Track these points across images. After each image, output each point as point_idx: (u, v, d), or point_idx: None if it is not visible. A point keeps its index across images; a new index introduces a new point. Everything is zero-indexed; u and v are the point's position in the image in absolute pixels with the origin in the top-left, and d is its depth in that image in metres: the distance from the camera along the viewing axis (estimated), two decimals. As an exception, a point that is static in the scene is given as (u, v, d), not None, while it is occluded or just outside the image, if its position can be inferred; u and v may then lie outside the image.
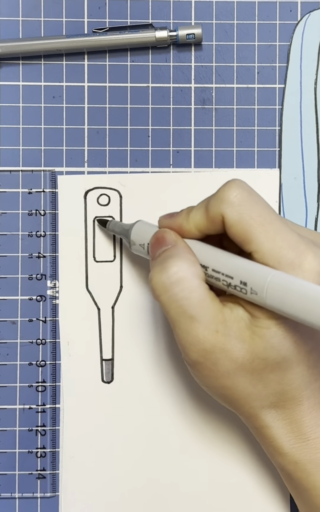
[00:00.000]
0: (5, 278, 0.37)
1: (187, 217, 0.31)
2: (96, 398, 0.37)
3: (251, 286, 0.27)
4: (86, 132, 0.38)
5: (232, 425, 0.37)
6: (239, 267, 0.28)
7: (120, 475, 0.37)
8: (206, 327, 0.28)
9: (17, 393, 0.37)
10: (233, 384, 0.29)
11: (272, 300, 0.26)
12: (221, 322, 0.29)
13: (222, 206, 0.29)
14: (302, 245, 0.28)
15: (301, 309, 0.25)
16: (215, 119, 0.38)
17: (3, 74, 0.38)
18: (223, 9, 0.38)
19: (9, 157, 0.38)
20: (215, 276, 0.29)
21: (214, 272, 0.29)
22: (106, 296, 0.37)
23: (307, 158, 0.38)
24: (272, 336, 0.28)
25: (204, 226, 0.30)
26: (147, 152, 0.38)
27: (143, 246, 0.33)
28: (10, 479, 0.37)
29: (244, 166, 0.38)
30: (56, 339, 0.37)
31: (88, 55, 0.38)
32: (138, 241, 0.33)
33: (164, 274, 0.29)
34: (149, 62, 0.38)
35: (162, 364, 0.37)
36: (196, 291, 0.29)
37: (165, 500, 0.37)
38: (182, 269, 0.29)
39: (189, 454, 0.37)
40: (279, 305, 0.26)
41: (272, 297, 0.26)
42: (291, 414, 0.29)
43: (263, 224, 0.28)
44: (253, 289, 0.27)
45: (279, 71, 0.38)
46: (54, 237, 0.38)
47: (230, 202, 0.28)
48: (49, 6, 0.38)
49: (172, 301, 0.29)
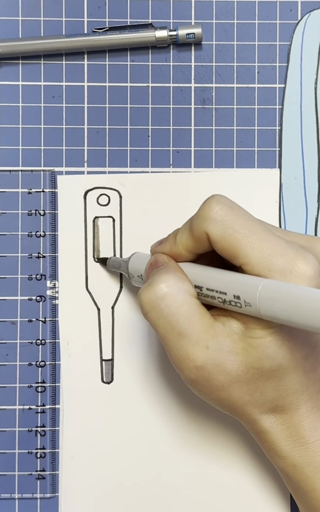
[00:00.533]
0: (5, 278, 0.37)
1: (174, 240, 0.31)
2: (96, 399, 0.37)
3: (244, 298, 0.27)
4: (86, 132, 0.38)
5: (232, 425, 0.37)
6: (231, 281, 0.28)
7: (120, 475, 0.37)
8: (195, 344, 0.28)
9: (17, 393, 0.37)
10: (229, 396, 0.29)
11: (266, 309, 0.26)
12: (211, 337, 0.28)
13: (205, 224, 0.28)
14: (291, 251, 0.28)
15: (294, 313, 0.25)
16: (215, 119, 0.38)
17: (2, 74, 0.38)
18: (223, 8, 0.38)
19: (8, 157, 0.38)
20: (210, 295, 0.29)
21: (209, 291, 0.29)
22: (106, 296, 0.37)
23: (307, 158, 0.38)
24: (267, 346, 0.28)
25: (191, 246, 0.30)
26: (147, 152, 0.38)
27: (141, 277, 0.33)
28: (9, 479, 0.37)
29: (244, 166, 0.38)
30: (56, 339, 0.37)
31: (88, 55, 0.38)
32: (136, 272, 0.33)
33: (151, 290, 0.29)
34: (149, 62, 0.38)
35: (162, 364, 0.37)
36: (183, 307, 0.28)
37: (165, 500, 0.37)
38: (168, 285, 0.29)
39: (189, 455, 0.37)
40: (272, 313, 0.26)
41: (265, 306, 0.26)
42: (290, 418, 0.29)
43: (248, 236, 0.28)
44: (246, 301, 0.27)
45: (279, 71, 0.38)
46: (54, 237, 0.37)
47: (212, 219, 0.28)
48: (49, 6, 0.38)
49: (160, 317, 0.29)
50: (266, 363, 0.28)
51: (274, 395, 0.29)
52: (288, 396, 0.29)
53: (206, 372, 0.28)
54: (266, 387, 0.29)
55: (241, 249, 0.28)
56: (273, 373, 0.28)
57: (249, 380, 0.29)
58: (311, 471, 0.30)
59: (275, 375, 0.28)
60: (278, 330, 0.28)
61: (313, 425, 0.30)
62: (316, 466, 0.30)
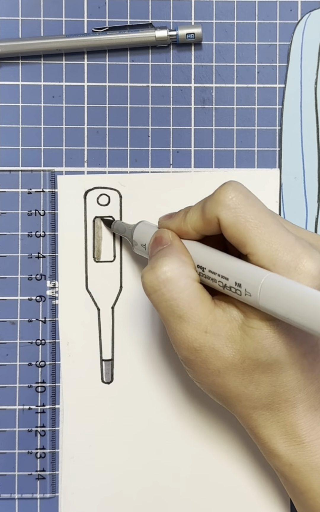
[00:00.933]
0: (5, 278, 0.37)
1: (184, 218, 0.31)
2: (96, 399, 0.37)
3: (245, 287, 0.27)
4: (86, 132, 0.38)
5: (232, 425, 0.37)
6: (234, 268, 0.28)
7: (120, 475, 0.37)
8: (194, 327, 0.29)
9: (17, 393, 0.37)
10: (223, 382, 0.29)
11: (265, 302, 0.26)
12: (210, 323, 0.29)
13: (218, 209, 0.29)
14: (299, 248, 0.28)
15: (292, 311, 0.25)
16: (215, 119, 0.38)
17: (2, 73, 0.38)
18: (223, 8, 0.38)
19: (8, 157, 0.38)
20: (211, 277, 0.29)
21: (210, 273, 0.29)
22: (106, 296, 0.37)
23: (307, 158, 0.38)
24: (263, 338, 0.28)
25: (200, 227, 0.30)
26: (147, 152, 0.38)
27: (144, 246, 0.33)
28: (9, 479, 0.37)
29: (244, 166, 0.38)
30: (56, 339, 0.37)
31: (88, 55, 0.38)
32: (140, 241, 0.34)
33: (153, 273, 0.29)
34: (149, 62, 0.38)
35: (162, 364, 0.37)
36: (185, 292, 0.29)
37: (165, 500, 0.37)
38: (171, 269, 0.29)
39: (188, 455, 0.37)
40: (271, 307, 0.26)
41: (265, 299, 0.26)
42: (285, 416, 0.29)
43: (259, 227, 0.28)
44: (247, 290, 0.27)
45: (279, 71, 0.38)
46: (54, 237, 0.37)
47: (226, 205, 0.28)
48: (49, 5, 0.38)
49: (161, 300, 0.29)
50: (262, 355, 0.28)
51: (270, 390, 0.29)
52: (284, 393, 0.29)
53: (203, 355, 0.29)
54: (261, 380, 0.29)
55: (249, 239, 0.28)
56: (269, 367, 0.28)
57: (245, 370, 0.29)
58: (308, 471, 0.30)
59: (271, 369, 0.28)
60: (276, 324, 0.28)
61: (309, 425, 0.29)
62: (312, 466, 0.29)
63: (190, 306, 0.29)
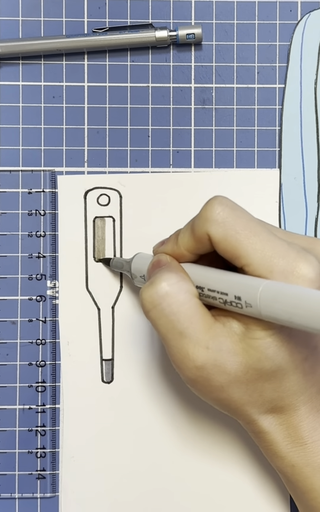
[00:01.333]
0: (5, 278, 0.37)
1: (176, 241, 0.31)
2: (96, 398, 0.37)
3: (244, 299, 0.27)
4: (86, 132, 0.38)
5: (232, 425, 0.37)
6: (232, 282, 0.28)
7: (120, 475, 0.37)
8: (195, 344, 0.28)
9: (17, 393, 0.37)
10: (228, 396, 0.29)
11: (266, 310, 0.26)
12: (211, 338, 0.28)
13: (206, 225, 0.29)
14: (293, 253, 0.28)
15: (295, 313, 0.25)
16: (215, 119, 0.38)
17: (3, 74, 0.38)
18: (223, 9, 0.38)
19: (9, 157, 0.38)
20: (212, 296, 0.29)
21: (210, 292, 0.29)
22: (106, 296, 0.37)
23: (307, 158, 0.38)
24: (267, 347, 0.28)
25: (193, 247, 0.30)
26: (147, 152, 0.38)
27: (144, 278, 0.33)
28: (10, 479, 0.37)
29: (244, 166, 0.38)
30: (56, 339, 0.37)
31: (88, 55, 0.38)
32: (139, 273, 0.33)
33: (152, 288, 0.29)
34: (149, 62, 0.38)
35: (162, 364, 0.37)
36: (184, 305, 0.29)
37: (165, 500, 0.37)
38: (170, 283, 0.29)
39: (189, 455, 0.37)
40: (273, 314, 0.26)
41: (266, 307, 0.26)
42: (288, 419, 0.30)
43: (249, 237, 0.28)
44: (247, 302, 0.27)
45: (279, 71, 0.38)
46: (54, 237, 0.37)
47: (214, 220, 0.28)
48: (49, 6, 0.38)
49: (161, 316, 0.29)
50: (265, 364, 0.28)
51: (273, 396, 0.29)
52: (287, 397, 0.29)
53: (206, 372, 0.29)
54: (265, 388, 0.29)
55: (242, 251, 0.28)
56: (272, 374, 0.28)
57: (249, 381, 0.29)
58: (310, 471, 0.30)
59: (275, 376, 0.28)
60: (278, 332, 0.28)
61: (312, 426, 0.30)
62: (314, 466, 0.30)
63: (191, 321, 0.28)
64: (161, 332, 0.29)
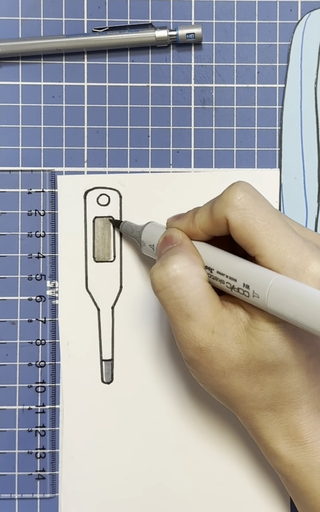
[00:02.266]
0: (5, 278, 0.37)
1: (193, 218, 0.31)
2: (96, 399, 0.37)
3: (253, 289, 0.27)
4: (86, 132, 0.38)
5: (232, 425, 0.37)
6: (243, 270, 0.28)
7: (120, 475, 0.37)
8: (202, 327, 0.29)
9: (17, 393, 0.37)
10: (228, 383, 0.29)
11: (273, 304, 0.26)
12: (218, 323, 0.29)
13: (226, 210, 0.28)
14: (307, 250, 0.28)
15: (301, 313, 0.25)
16: (215, 119, 0.38)
17: (2, 73, 0.38)
18: (223, 8, 0.38)
19: (8, 157, 0.38)
20: (220, 278, 0.29)
21: (219, 274, 0.29)
22: (106, 296, 0.37)
23: (307, 158, 0.38)
24: (270, 339, 0.28)
25: (209, 228, 0.30)
26: (147, 152, 0.38)
27: (153, 247, 0.33)
28: (9, 479, 0.37)
29: (244, 166, 0.38)
30: (56, 339, 0.37)
31: (88, 55, 0.38)
32: (148, 242, 0.34)
33: (163, 270, 0.29)
34: (149, 62, 0.38)
35: (162, 364, 0.37)
36: (194, 290, 0.29)
37: (165, 500, 0.37)
38: (182, 267, 0.29)
39: (189, 454, 0.37)
40: (279, 309, 0.26)
41: (273, 301, 0.26)
42: (289, 417, 0.29)
43: (267, 228, 0.28)
44: (255, 292, 0.27)
45: (279, 71, 0.38)
46: (54, 237, 0.37)
47: (234, 206, 0.28)
48: (49, 5, 0.38)
49: (170, 297, 0.29)
50: (268, 356, 0.28)
51: (274, 391, 0.29)
52: (288, 394, 0.29)
53: (209, 355, 0.29)
54: (266, 382, 0.29)
55: (258, 241, 0.28)
56: (274, 368, 0.28)
57: (250, 371, 0.29)
58: (309, 471, 0.30)
59: (277, 370, 0.28)
60: (283, 326, 0.28)
61: (312, 426, 0.30)
62: (314, 466, 0.30)
63: (199, 305, 0.29)
64: (168, 312, 0.29)
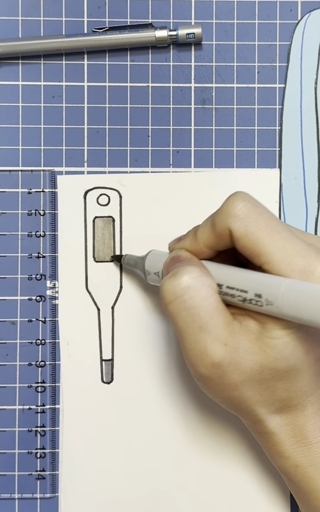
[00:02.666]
0: (5, 278, 0.37)
1: (195, 236, 0.31)
2: (96, 399, 0.37)
3: (265, 297, 0.27)
4: (86, 132, 0.38)
5: (232, 425, 0.37)
6: (252, 280, 0.28)
7: (120, 475, 0.37)
8: (214, 339, 0.28)
9: (17, 393, 0.37)
10: (240, 395, 0.29)
11: (288, 308, 0.26)
12: (230, 335, 0.28)
13: (228, 220, 0.28)
14: (313, 253, 0.28)
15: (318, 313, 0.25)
16: (215, 119, 0.38)
17: (2, 73, 0.38)
18: (223, 8, 0.38)
19: (8, 157, 0.38)
20: (230, 293, 0.29)
21: (229, 289, 0.29)
22: (106, 296, 0.37)
23: (307, 158, 0.38)
24: (284, 347, 0.28)
25: (212, 242, 0.30)
26: (147, 152, 0.38)
27: (158, 274, 0.33)
28: (9, 479, 0.37)
29: (244, 166, 0.38)
30: (56, 339, 0.37)
31: (88, 55, 0.38)
32: (153, 269, 0.33)
33: (175, 280, 0.28)
34: (149, 62, 0.38)
35: (162, 364, 0.37)
36: (206, 300, 0.28)
37: (165, 500, 0.37)
38: (193, 277, 0.28)
39: (189, 455, 0.37)
40: (295, 312, 0.26)
41: (287, 305, 0.26)
42: (295, 419, 0.30)
43: (271, 235, 0.28)
44: (268, 300, 0.27)
45: (279, 71, 0.38)
46: (54, 237, 0.37)
47: (236, 216, 0.28)
48: (49, 5, 0.38)
49: (181, 308, 0.28)
50: (280, 363, 0.28)
51: (284, 395, 0.29)
52: (297, 397, 0.29)
53: (221, 370, 0.28)
54: (277, 388, 0.29)
55: (263, 248, 0.28)
56: (285, 374, 0.28)
57: (262, 380, 0.28)
58: (313, 472, 0.30)
59: (288, 376, 0.28)
60: (296, 331, 0.28)
61: (317, 426, 0.30)
62: (318, 466, 0.30)
63: (211, 316, 0.28)
64: (179, 325, 0.29)
